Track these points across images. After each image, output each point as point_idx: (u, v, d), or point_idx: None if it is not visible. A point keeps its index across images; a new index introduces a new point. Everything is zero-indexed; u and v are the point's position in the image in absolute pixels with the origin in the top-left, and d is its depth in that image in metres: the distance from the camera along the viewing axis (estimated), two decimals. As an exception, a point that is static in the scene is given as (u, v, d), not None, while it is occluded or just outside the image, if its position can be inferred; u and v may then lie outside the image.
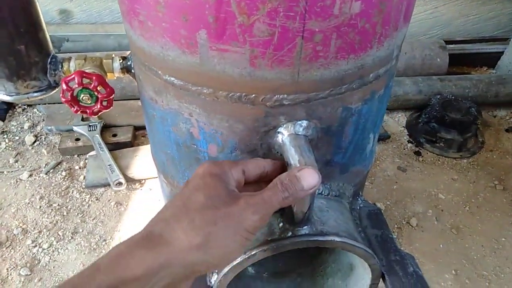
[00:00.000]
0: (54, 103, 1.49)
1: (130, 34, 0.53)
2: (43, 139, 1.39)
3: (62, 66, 0.64)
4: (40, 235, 1.06)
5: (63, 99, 0.59)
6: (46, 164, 1.28)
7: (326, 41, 0.43)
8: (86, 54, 0.66)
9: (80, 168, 1.28)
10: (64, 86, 0.57)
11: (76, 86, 0.57)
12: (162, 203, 1.16)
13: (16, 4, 0.56)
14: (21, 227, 1.08)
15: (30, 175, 1.24)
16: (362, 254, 0.58)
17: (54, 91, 0.66)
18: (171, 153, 0.63)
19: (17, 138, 1.39)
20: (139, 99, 1.51)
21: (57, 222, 1.10)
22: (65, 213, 1.13)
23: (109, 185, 1.20)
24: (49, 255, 1.02)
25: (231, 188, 0.43)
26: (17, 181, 1.22)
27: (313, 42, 0.43)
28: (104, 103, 0.60)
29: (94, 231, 1.08)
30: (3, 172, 1.26)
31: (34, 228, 1.08)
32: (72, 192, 1.19)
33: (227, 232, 0.39)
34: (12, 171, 1.26)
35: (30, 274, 0.97)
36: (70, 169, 1.28)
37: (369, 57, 0.48)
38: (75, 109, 0.60)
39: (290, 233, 0.53)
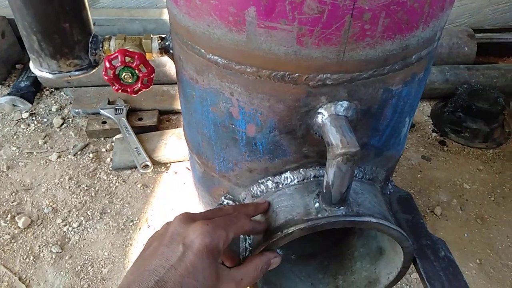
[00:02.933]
0: (80, 87, 1.52)
1: (174, 13, 0.54)
2: (70, 121, 1.42)
3: (102, 45, 0.66)
4: (70, 215, 1.09)
5: (105, 77, 0.60)
6: (74, 146, 1.31)
7: (375, 20, 0.43)
8: (126, 35, 0.67)
9: (106, 150, 1.31)
10: (107, 64, 0.58)
11: (119, 64, 0.58)
12: (187, 186, 1.18)
13: (62, -18, 0.57)
14: (51, 206, 1.11)
15: (59, 157, 1.27)
16: (396, 236, 0.59)
17: (94, 70, 0.68)
18: (207, 134, 0.64)
19: (45, 120, 1.42)
20: (164, 84, 1.52)
21: (85, 202, 1.13)
22: (93, 194, 1.15)
23: (135, 167, 1.22)
24: (79, 233, 1.05)
25: (220, 266, 0.46)
26: (46, 162, 1.26)
27: (362, 20, 0.43)
28: (145, 82, 0.61)
29: (122, 212, 1.11)
30: (32, 153, 1.29)
31: (63, 208, 1.11)
32: (100, 174, 1.22)
33: None
34: (41, 152, 1.29)
35: (61, 252, 1.00)
36: (97, 151, 1.30)
37: (414, 38, 0.48)
38: (116, 87, 0.61)
39: (326, 213, 0.54)
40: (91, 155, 1.28)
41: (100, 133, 1.35)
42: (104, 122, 1.36)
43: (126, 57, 0.58)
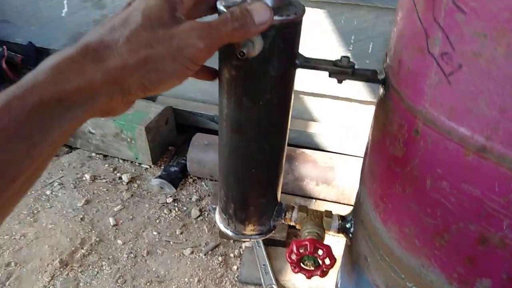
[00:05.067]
0: (221, 183, 1.63)
1: (380, 232, 0.53)
2: (206, 215, 1.51)
3: (285, 214, 0.68)
4: (194, 323, 1.12)
5: (288, 260, 0.61)
6: (205, 244, 1.38)
7: None
8: (308, 207, 0.69)
9: (234, 256, 1.34)
10: (295, 249, 0.60)
11: (306, 253, 0.59)
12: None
13: (271, 166, 0.61)
14: (178, 307, 1.16)
15: (192, 252, 1.34)
16: None
17: (271, 233, 0.70)
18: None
19: (185, 208, 1.54)
20: (296, 195, 1.53)
21: (209, 312, 1.15)
22: (217, 305, 1.17)
23: (260, 285, 1.22)
24: None
25: (177, 14, 0.39)
26: (180, 256, 1.33)
27: None
28: (324, 271, 0.61)
29: (242, 334, 1.10)
30: (169, 242, 1.38)
31: (189, 313, 1.15)
32: (226, 283, 1.24)
33: (165, 57, 0.37)
34: (177, 243, 1.38)
35: None
36: (226, 255, 1.35)
37: None
38: (295, 270, 0.62)
39: None
40: (220, 258, 1.32)
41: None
42: (237, 226, 1.41)
43: (315, 248, 0.59)
